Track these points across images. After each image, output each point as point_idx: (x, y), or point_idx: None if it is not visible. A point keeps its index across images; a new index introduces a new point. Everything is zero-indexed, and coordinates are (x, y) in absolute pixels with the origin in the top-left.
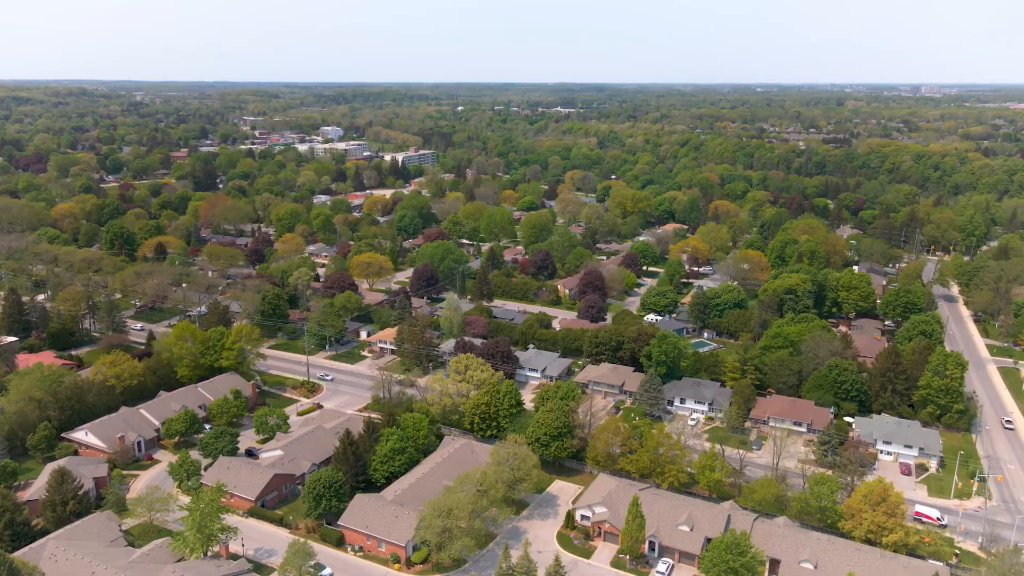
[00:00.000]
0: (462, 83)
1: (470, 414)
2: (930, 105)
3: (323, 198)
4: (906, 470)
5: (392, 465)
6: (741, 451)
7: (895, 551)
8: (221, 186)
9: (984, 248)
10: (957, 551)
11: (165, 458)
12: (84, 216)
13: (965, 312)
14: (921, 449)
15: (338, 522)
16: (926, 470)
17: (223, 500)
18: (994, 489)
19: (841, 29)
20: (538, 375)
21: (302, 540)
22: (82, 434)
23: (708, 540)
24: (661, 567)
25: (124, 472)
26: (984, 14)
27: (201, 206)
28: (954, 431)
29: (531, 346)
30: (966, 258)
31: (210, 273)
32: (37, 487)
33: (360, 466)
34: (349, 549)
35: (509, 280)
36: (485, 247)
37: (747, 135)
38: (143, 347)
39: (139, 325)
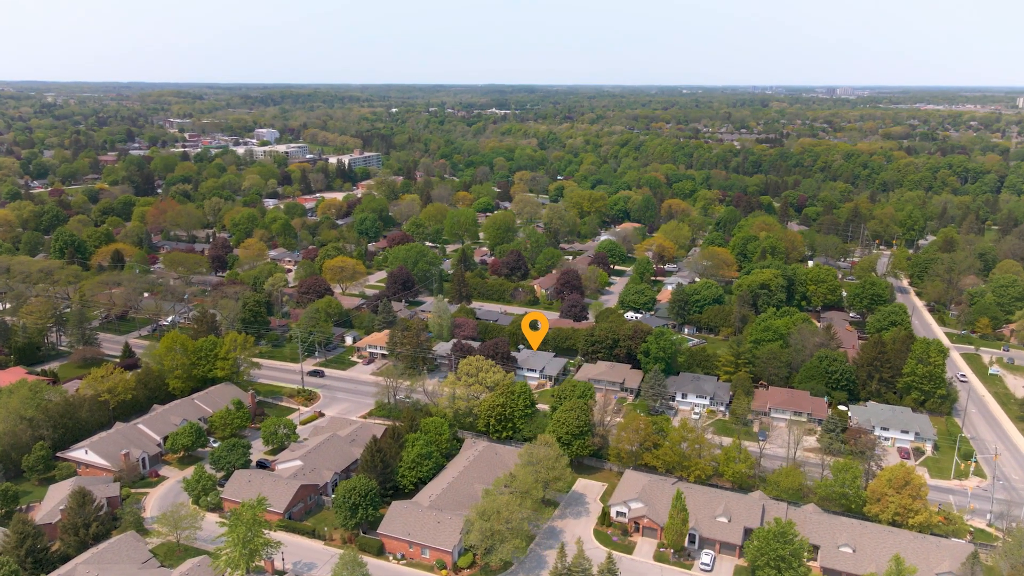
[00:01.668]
0: (391, 84)
1: (485, 416)
2: (847, 106)
3: (271, 202)
4: (905, 454)
5: (420, 471)
6: (760, 443)
7: (919, 532)
8: (160, 191)
9: (922, 242)
10: (971, 529)
11: (171, 474)
12: (21, 224)
13: (918, 302)
14: (917, 434)
15: (377, 531)
16: (923, 453)
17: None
18: (988, 469)
19: (762, 34)
20: (537, 375)
21: (351, 551)
22: (81, 452)
23: (747, 530)
24: (705, 559)
25: (132, 490)
26: (891, 22)
27: (148, 211)
28: (937, 415)
29: (520, 347)
30: (910, 251)
31: (172, 281)
32: (47, 510)
33: (388, 473)
34: (391, 558)
35: (484, 281)
36: (449, 249)
37: (683, 135)
38: (119, 360)
39: (106, 337)
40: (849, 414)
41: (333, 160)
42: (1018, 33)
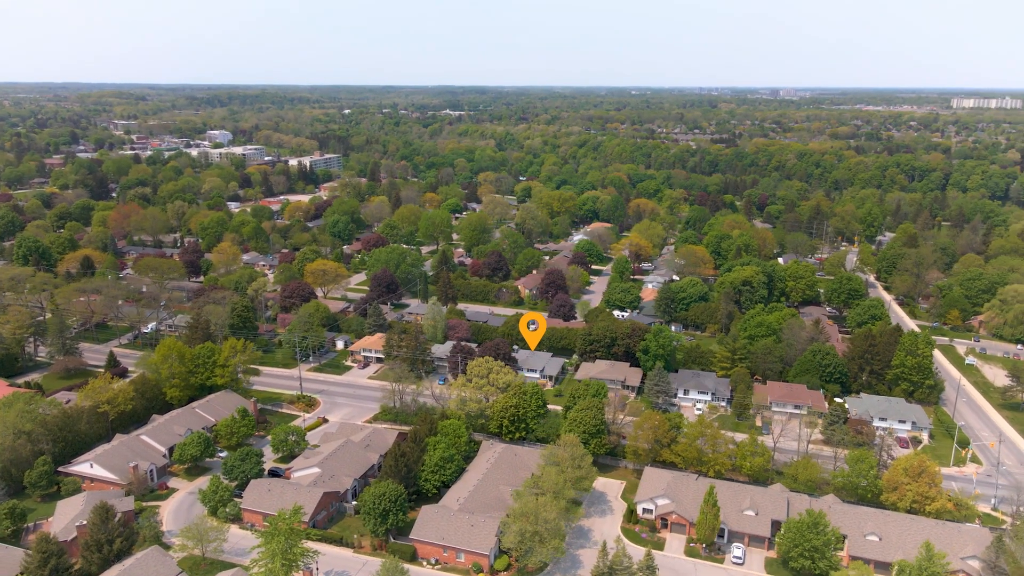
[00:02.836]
0: (340, 86)
1: (498, 417)
2: (792, 107)
3: (233, 205)
4: (904, 444)
5: (443, 474)
6: (774, 437)
7: (935, 519)
8: (115, 195)
9: (880, 238)
10: (979, 514)
11: (180, 485)
12: None
13: (887, 296)
14: (913, 423)
15: (410, 536)
16: (920, 442)
17: (266, 524)
18: (983, 456)
19: (707, 37)
20: (537, 375)
21: (393, 559)
22: (86, 466)
23: (774, 523)
24: (737, 552)
25: (143, 504)
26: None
27: (110, 216)
28: (926, 405)
29: (515, 347)
30: (872, 247)
31: (144, 287)
32: (61, 526)
33: (411, 478)
34: (424, 563)
35: (468, 283)
36: (424, 251)
37: (640, 136)
38: (104, 369)
39: (86, 347)
40: (847, 406)
41: (293, 162)
42: (948, 39)
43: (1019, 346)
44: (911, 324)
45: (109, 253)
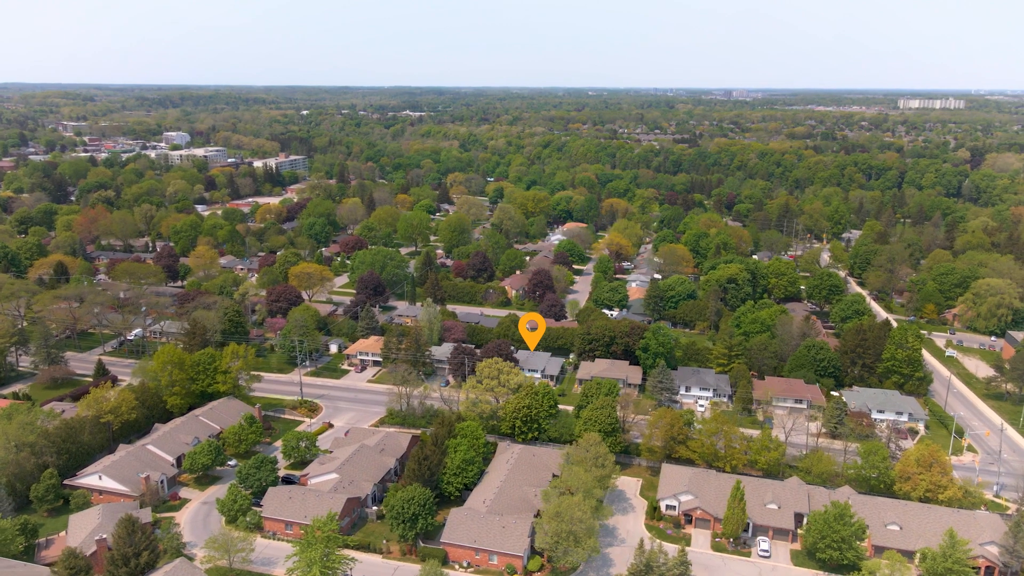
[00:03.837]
0: (296, 86)
1: (510, 418)
2: (747, 108)
3: (201, 208)
4: (903, 435)
5: (465, 477)
6: (785, 430)
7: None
8: (73, 198)
9: (846, 235)
10: (986, 501)
11: (192, 495)
12: None
13: (861, 292)
14: (910, 414)
15: (440, 540)
16: (916, 433)
17: (290, 533)
18: (978, 445)
19: (663, 38)
20: (538, 375)
21: (434, 564)
22: (94, 478)
23: (798, 515)
24: (764, 545)
25: (158, 515)
26: (780, 28)
27: (76, 220)
28: (916, 396)
29: (512, 348)
30: (842, 244)
31: (122, 293)
32: (79, 541)
33: (433, 481)
34: (456, 567)
35: (455, 284)
36: (402, 252)
37: (603, 136)
38: (92, 378)
39: (70, 355)
40: (844, 399)
41: (259, 164)
42: (893, 42)
43: (993, 338)
44: (889, 318)
45: (80, 258)
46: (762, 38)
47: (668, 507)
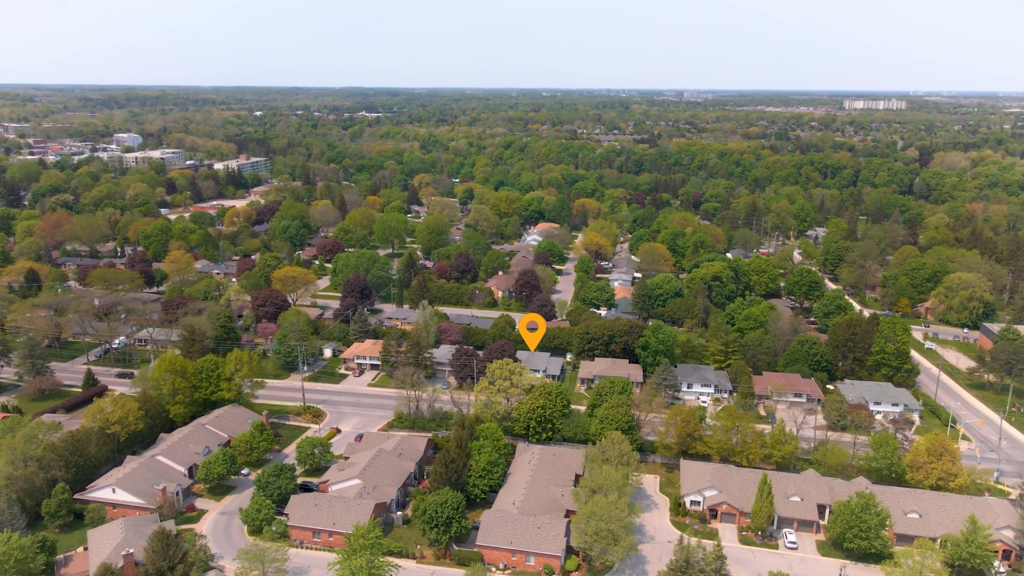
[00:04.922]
0: (245, 87)
1: (525, 419)
2: (699, 108)
3: (164, 211)
4: (903, 425)
5: (491, 478)
6: (796, 424)
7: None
8: (26, 203)
9: (810, 232)
10: (991, 487)
11: (208, 506)
12: None
13: (834, 287)
14: (905, 406)
15: (476, 543)
16: (912, 424)
17: (318, 541)
18: (971, 433)
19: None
20: (540, 375)
21: (479, 567)
22: (107, 492)
23: (820, 507)
24: (791, 537)
25: (178, 527)
26: (729, 30)
27: (37, 225)
28: (904, 387)
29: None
30: (810, 241)
31: (96, 301)
32: (103, 558)
33: (460, 484)
34: (493, 568)
35: (439, 286)
36: (380, 254)
37: (563, 136)
38: (81, 389)
39: (54, 365)
40: (841, 392)
41: (220, 166)
42: (836, 43)
43: (966, 330)
44: (865, 313)
45: (47, 264)
46: (713, 41)
47: (693, 503)
